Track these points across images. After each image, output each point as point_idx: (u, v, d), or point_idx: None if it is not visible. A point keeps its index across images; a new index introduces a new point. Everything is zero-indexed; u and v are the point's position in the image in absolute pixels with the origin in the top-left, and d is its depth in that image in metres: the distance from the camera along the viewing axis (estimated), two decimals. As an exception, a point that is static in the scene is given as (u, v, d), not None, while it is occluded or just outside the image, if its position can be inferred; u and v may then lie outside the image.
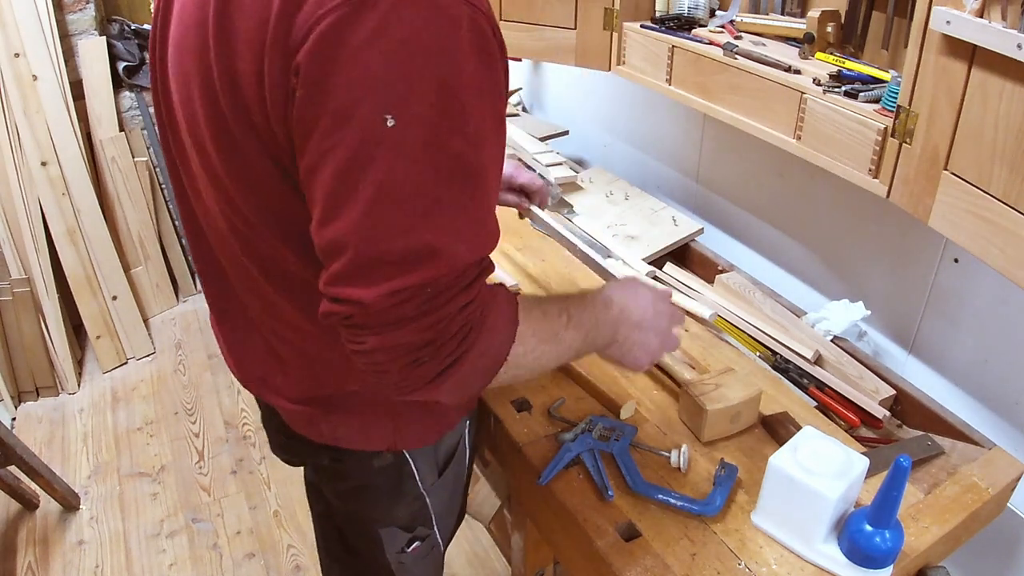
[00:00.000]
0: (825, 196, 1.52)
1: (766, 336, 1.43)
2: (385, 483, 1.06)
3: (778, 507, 1.00)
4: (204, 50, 0.71)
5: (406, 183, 0.64)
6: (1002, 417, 1.30)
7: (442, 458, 1.09)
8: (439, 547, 1.21)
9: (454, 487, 1.17)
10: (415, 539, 1.14)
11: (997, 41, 0.83)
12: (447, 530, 1.21)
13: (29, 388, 2.59)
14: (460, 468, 1.15)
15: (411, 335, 0.68)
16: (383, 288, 0.65)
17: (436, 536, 1.17)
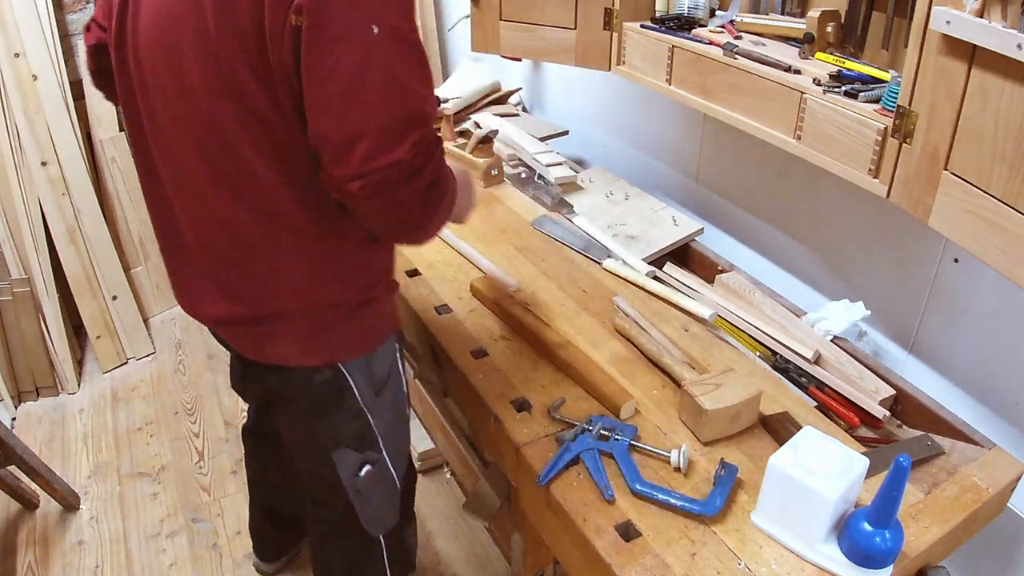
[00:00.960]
0: (825, 196, 1.52)
1: (766, 336, 1.43)
2: (328, 397, 1.21)
3: (778, 507, 1.00)
4: (200, 13, 0.91)
5: (398, 70, 0.90)
6: (1002, 417, 1.30)
7: (377, 377, 1.24)
8: (391, 476, 1.34)
9: (395, 412, 1.32)
10: (366, 462, 1.28)
11: (997, 41, 0.83)
12: (398, 460, 1.35)
13: (29, 388, 2.59)
14: (398, 394, 1.31)
15: (427, 176, 0.95)
16: (407, 144, 0.90)
17: (386, 461, 1.31)
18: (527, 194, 1.91)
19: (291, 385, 1.22)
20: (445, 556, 1.99)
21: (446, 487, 2.21)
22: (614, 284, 1.56)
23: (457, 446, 1.80)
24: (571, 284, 1.56)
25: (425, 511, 2.13)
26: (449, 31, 2.78)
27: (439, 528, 2.07)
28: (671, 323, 1.44)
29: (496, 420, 1.22)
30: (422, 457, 2.23)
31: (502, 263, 1.61)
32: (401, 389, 1.32)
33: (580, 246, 1.68)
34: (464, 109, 2.27)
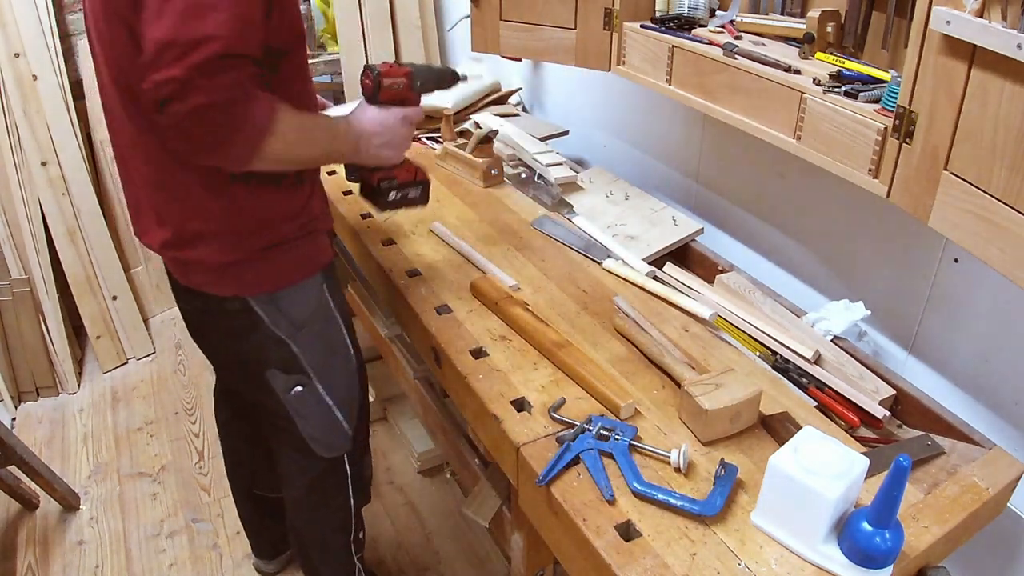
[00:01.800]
0: (825, 196, 1.52)
1: (766, 336, 1.43)
2: (241, 326, 1.30)
3: (778, 507, 1.00)
4: None
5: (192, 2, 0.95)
6: (1002, 417, 1.30)
7: (291, 313, 1.31)
8: (326, 403, 1.41)
9: (326, 346, 1.39)
10: (296, 384, 1.36)
11: (997, 41, 0.83)
12: (335, 390, 1.42)
13: (29, 388, 2.59)
14: (328, 329, 1.38)
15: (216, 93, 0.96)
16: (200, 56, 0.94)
17: (317, 388, 1.38)
18: (527, 194, 1.91)
19: (210, 311, 1.32)
20: (445, 556, 1.99)
21: (446, 487, 2.21)
22: (614, 284, 1.56)
23: (457, 446, 1.80)
24: (571, 284, 1.56)
25: (425, 511, 2.13)
26: (449, 31, 2.78)
27: (439, 528, 2.08)
28: (671, 323, 1.44)
29: (496, 420, 1.22)
30: (422, 457, 2.23)
31: (502, 263, 1.61)
32: (333, 326, 1.39)
33: (580, 246, 1.68)
34: (464, 109, 2.27)
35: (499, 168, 1.97)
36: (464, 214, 1.82)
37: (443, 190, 1.94)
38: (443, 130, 2.11)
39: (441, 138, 2.13)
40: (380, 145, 1.26)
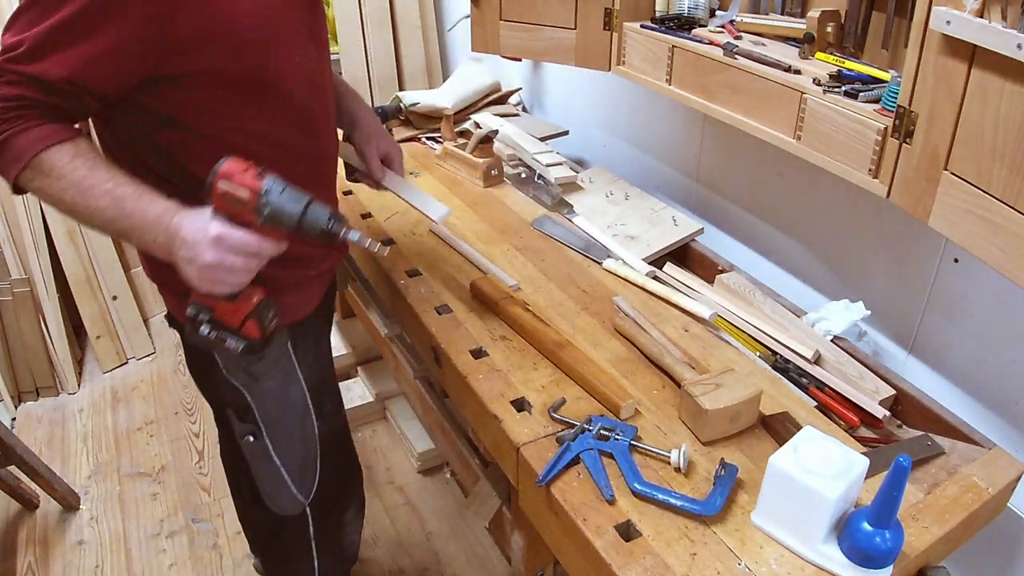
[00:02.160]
0: (825, 196, 1.52)
1: (766, 336, 1.43)
2: (198, 360, 1.25)
3: (778, 507, 1.00)
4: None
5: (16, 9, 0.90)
6: (1002, 417, 1.30)
7: (246, 362, 1.20)
8: (275, 464, 1.31)
9: (281, 407, 1.28)
10: (248, 433, 1.28)
11: (997, 41, 0.83)
12: (285, 452, 1.31)
13: (29, 388, 2.59)
14: (287, 390, 1.27)
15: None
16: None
17: (266, 442, 1.28)
18: (527, 194, 1.91)
19: (180, 334, 1.27)
20: (445, 556, 1.99)
21: (446, 487, 2.21)
22: (614, 284, 1.56)
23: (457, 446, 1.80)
24: (571, 284, 1.56)
25: (425, 511, 2.13)
26: (449, 31, 2.78)
27: (439, 528, 2.08)
28: (671, 323, 1.44)
29: (496, 420, 1.22)
30: (422, 457, 2.23)
31: (502, 263, 1.61)
32: (293, 385, 1.27)
33: (580, 246, 1.68)
34: (464, 109, 2.27)
35: (499, 168, 1.97)
36: (464, 214, 1.82)
37: (443, 190, 1.94)
38: (443, 130, 2.11)
39: (441, 138, 2.13)
40: (184, 260, 0.97)
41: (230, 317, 1.02)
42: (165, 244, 0.98)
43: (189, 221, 0.97)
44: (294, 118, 1.13)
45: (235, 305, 1.02)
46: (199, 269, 0.96)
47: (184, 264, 0.97)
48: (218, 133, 1.06)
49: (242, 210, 0.96)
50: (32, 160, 0.95)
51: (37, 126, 0.95)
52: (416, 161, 2.11)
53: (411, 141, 2.24)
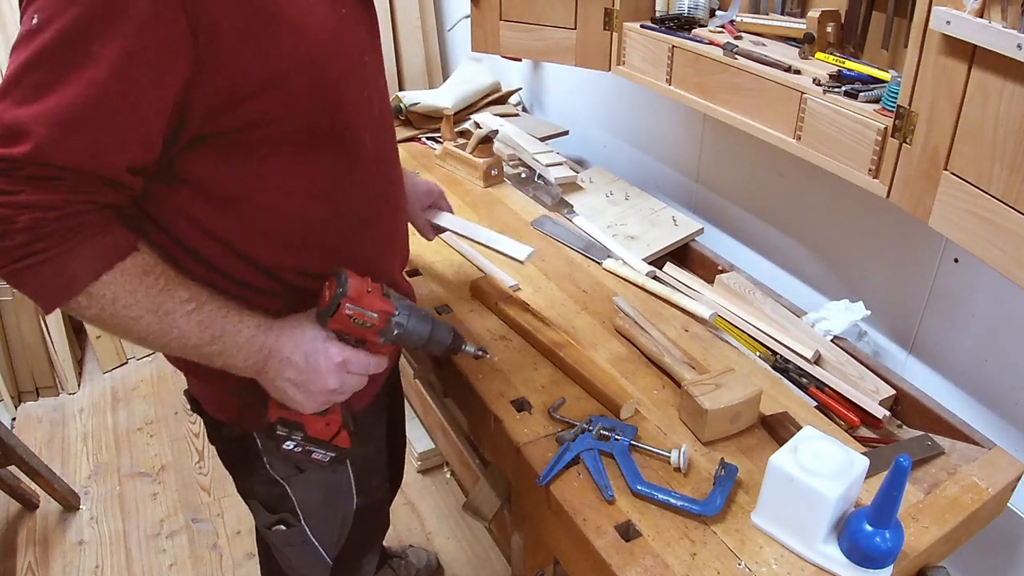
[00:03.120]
0: (825, 196, 1.52)
1: (766, 336, 1.43)
2: (234, 455, 1.12)
3: (778, 507, 1.00)
4: None
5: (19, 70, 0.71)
6: (1002, 417, 1.30)
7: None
8: (313, 545, 1.19)
9: (326, 497, 1.15)
10: (280, 522, 1.14)
11: (997, 41, 0.83)
12: (326, 537, 1.19)
13: (29, 388, 2.59)
14: (334, 477, 1.13)
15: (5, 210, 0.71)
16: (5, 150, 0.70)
17: (306, 532, 1.16)
18: (527, 194, 1.91)
19: (208, 425, 1.13)
20: (445, 556, 1.99)
21: (446, 487, 2.21)
22: (614, 284, 1.56)
23: (457, 446, 1.80)
24: (571, 284, 1.56)
25: (425, 511, 2.13)
26: (449, 31, 2.78)
27: (439, 528, 2.08)
28: (671, 323, 1.44)
29: (496, 420, 1.22)
30: (422, 457, 2.23)
31: (502, 263, 1.61)
32: (339, 473, 1.14)
33: (580, 246, 1.68)
34: (464, 109, 2.27)
35: (499, 168, 1.97)
36: (464, 214, 1.82)
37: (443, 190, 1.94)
38: (443, 130, 2.11)
39: (441, 138, 2.13)
40: (291, 382, 0.90)
41: (322, 431, 0.98)
42: (257, 365, 0.89)
43: (292, 342, 0.89)
44: (369, 174, 0.97)
45: (327, 419, 0.97)
46: (311, 393, 0.90)
47: (289, 386, 0.90)
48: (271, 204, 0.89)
49: (366, 332, 0.92)
50: (89, 287, 0.78)
51: (89, 238, 0.77)
52: (416, 161, 2.11)
53: (411, 141, 2.24)
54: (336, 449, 1.00)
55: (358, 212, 0.98)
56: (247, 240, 0.91)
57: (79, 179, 0.74)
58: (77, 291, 0.77)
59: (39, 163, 0.71)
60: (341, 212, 0.95)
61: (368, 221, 1.00)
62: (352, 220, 0.98)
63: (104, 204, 0.78)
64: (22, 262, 0.74)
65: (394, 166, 1.07)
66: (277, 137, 0.84)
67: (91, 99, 0.71)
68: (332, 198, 0.94)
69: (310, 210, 0.92)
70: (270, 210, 0.90)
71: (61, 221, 0.74)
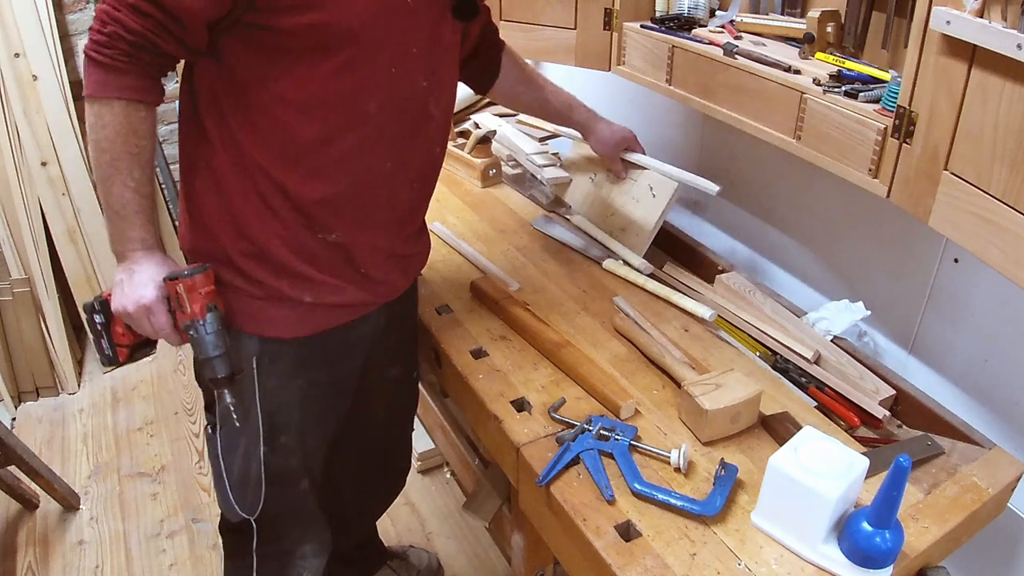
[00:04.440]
0: (825, 196, 1.52)
1: (766, 336, 1.43)
2: None
3: (778, 507, 1.00)
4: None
5: None
6: (1002, 417, 1.30)
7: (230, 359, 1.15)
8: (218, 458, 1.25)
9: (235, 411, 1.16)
10: (209, 423, 1.26)
11: (997, 41, 0.83)
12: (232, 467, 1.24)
13: (29, 388, 2.59)
14: (243, 399, 1.17)
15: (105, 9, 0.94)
16: None
17: (218, 446, 1.24)
18: (524, 194, 1.91)
19: None
20: (445, 556, 1.99)
21: (446, 487, 2.21)
22: (614, 284, 1.56)
23: (457, 446, 1.81)
24: (571, 284, 1.56)
25: (425, 511, 2.13)
26: (449, 31, 2.78)
27: (439, 528, 2.08)
28: (671, 323, 1.44)
29: (496, 420, 1.22)
30: (422, 457, 2.23)
31: (502, 263, 1.61)
32: (247, 400, 1.18)
33: (580, 246, 1.68)
34: (464, 109, 2.27)
35: (497, 168, 1.97)
36: (464, 214, 1.82)
37: (443, 190, 1.94)
38: (443, 130, 2.11)
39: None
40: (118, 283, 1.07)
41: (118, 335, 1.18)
42: (120, 255, 1.06)
43: (140, 266, 1.05)
44: (370, 139, 1.09)
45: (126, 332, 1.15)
46: (119, 301, 1.06)
47: (116, 284, 1.07)
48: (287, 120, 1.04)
49: (179, 314, 1.07)
50: (106, 100, 0.97)
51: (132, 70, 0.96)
52: (416, 161, 2.10)
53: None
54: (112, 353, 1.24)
55: (343, 177, 1.10)
56: (251, 135, 1.05)
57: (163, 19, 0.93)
58: (96, 96, 0.96)
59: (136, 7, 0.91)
60: (327, 169, 1.08)
61: (354, 190, 1.12)
62: (337, 184, 1.10)
63: (164, 53, 0.97)
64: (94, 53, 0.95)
65: (406, 155, 1.15)
66: (293, 53, 1.00)
67: None
68: (319, 152, 1.07)
69: (299, 142, 1.06)
70: (268, 113, 1.03)
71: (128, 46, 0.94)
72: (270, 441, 1.22)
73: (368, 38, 1.01)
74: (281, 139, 1.05)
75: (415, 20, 1.07)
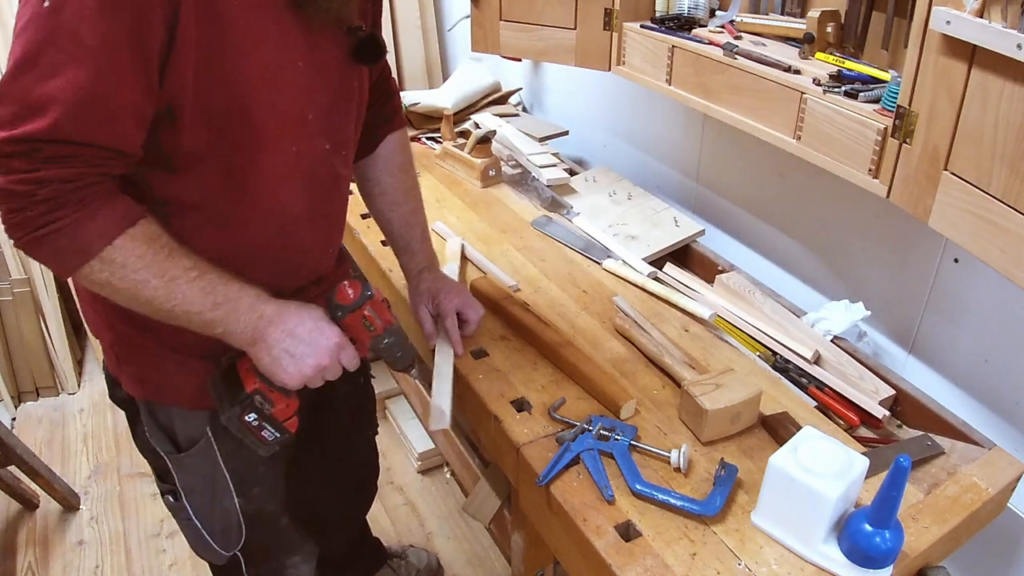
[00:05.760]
0: (825, 196, 1.52)
1: (766, 336, 1.43)
2: (126, 413, 1.20)
3: (778, 507, 1.00)
4: None
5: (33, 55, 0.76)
6: (1002, 417, 1.30)
7: (176, 434, 1.13)
8: (197, 527, 1.22)
9: (206, 488, 1.17)
10: (168, 493, 1.22)
11: (997, 41, 0.83)
12: (209, 524, 1.22)
13: (29, 388, 2.59)
14: (207, 468, 1.15)
15: (11, 183, 0.79)
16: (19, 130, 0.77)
17: (188, 509, 1.20)
18: (523, 195, 1.91)
19: (112, 391, 1.20)
20: (445, 556, 1.99)
21: (446, 487, 2.21)
22: (614, 284, 1.56)
23: (457, 446, 1.81)
24: (571, 284, 1.56)
25: (425, 511, 2.13)
26: (449, 31, 2.78)
27: (439, 528, 2.08)
28: (671, 323, 1.44)
29: (496, 420, 1.22)
30: (422, 457, 2.23)
31: (502, 263, 1.61)
32: (212, 467, 1.16)
33: (580, 246, 1.68)
34: (464, 109, 2.27)
35: (497, 168, 1.97)
36: (464, 214, 1.82)
37: (443, 190, 1.94)
38: (443, 130, 2.11)
39: (441, 138, 2.13)
40: (287, 353, 0.96)
41: (282, 411, 1.03)
42: (257, 332, 0.95)
43: (297, 317, 0.97)
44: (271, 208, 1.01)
45: (290, 401, 1.03)
46: (303, 366, 0.96)
47: (285, 356, 0.95)
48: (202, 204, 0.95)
49: (366, 335, 1.02)
50: (103, 251, 0.84)
51: (103, 207, 0.84)
52: (416, 161, 2.09)
53: (411, 141, 2.24)
54: (284, 432, 1.04)
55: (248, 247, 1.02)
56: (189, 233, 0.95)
57: (94, 153, 0.81)
58: (92, 255, 0.84)
59: (57, 140, 0.78)
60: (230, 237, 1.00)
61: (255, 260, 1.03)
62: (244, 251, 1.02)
63: (113, 174, 0.85)
64: (42, 230, 0.81)
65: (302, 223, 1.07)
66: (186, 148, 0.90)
67: (97, 76, 0.78)
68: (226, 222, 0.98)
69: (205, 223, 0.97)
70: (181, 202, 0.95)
71: (77, 192, 0.82)
72: (244, 494, 1.21)
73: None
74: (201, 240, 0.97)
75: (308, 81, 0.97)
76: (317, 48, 0.96)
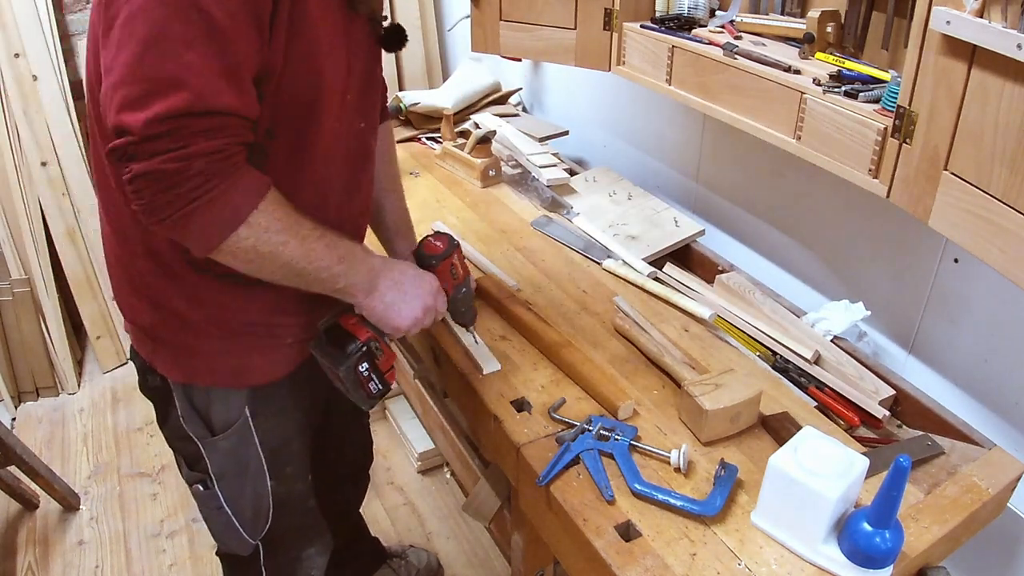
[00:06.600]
0: (825, 196, 1.52)
1: (766, 336, 1.43)
2: (157, 401, 1.22)
3: (778, 507, 1.00)
4: None
5: (169, 30, 0.79)
6: (1002, 417, 1.30)
7: (211, 417, 1.16)
8: (227, 514, 1.25)
9: (239, 470, 1.21)
10: (197, 481, 1.24)
11: (997, 41, 0.83)
12: (240, 510, 1.25)
13: (29, 388, 2.59)
14: (242, 450, 1.19)
15: (161, 163, 0.80)
16: (147, 114, 0.79)
17: (220, 498, 1.23)
18: (523, 195, 1.91)
19: (137, 371, 1.23)
20: (445, 556, 1.99)
21: (446, 487, 2.21)
22: (614, 284, 1.56)
23: (457, 446, 1.80)
24: (571, 284, 1.56)
25: (425, 511, 2.13)
26: (449, 31, 2.78)
27: (439, 528, 2.08)
28: (671, 323, 1.44)
29: (496, 420, 1.22)
30: (422, 457, 2.23)
31: (502, 263, 1.61)
32: (248, 448, 1.19)
33: (580, 246, 1.68)
34: (464, 109, 2.27)
35: (497, 169, 1.97)
36: (464, 214, 1.82)
37: (443, 190, 1.94)
38: (443, 130, 2.11)
39: (441, 138, 2.13)
40: (395, 300, 1.06)
41: (385, 362, 1.11)
42: (372, 282, 1.04)
43: (399, 268, 1.08)
44: (318, 181, 1.06)
45: (390, 353, 1.12)
46: (415, 308, 1.08)
47: (395, 300, 1.06)
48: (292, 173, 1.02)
49: (451, 282, 1.18)
50: (249, 216, 0.88)
51: (244, 175, 0.87)
52: (416, 161, 2.11)
53: (411, 141, 2.24)
54: (386, 384, 1.12)
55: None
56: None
57: (235, 123, 0.85)
58: (242, 220, 0.87)
59: (202, 112, 0.81)
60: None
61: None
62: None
63: (247, 143, 0.89)
64: (193, 204, 0.83)
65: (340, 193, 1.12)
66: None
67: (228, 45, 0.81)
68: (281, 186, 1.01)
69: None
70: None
71: (224, 162, 0.84)
72: (277, 474, 1.24)
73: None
74: None
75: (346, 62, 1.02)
76: (352, 34, 1.02)
